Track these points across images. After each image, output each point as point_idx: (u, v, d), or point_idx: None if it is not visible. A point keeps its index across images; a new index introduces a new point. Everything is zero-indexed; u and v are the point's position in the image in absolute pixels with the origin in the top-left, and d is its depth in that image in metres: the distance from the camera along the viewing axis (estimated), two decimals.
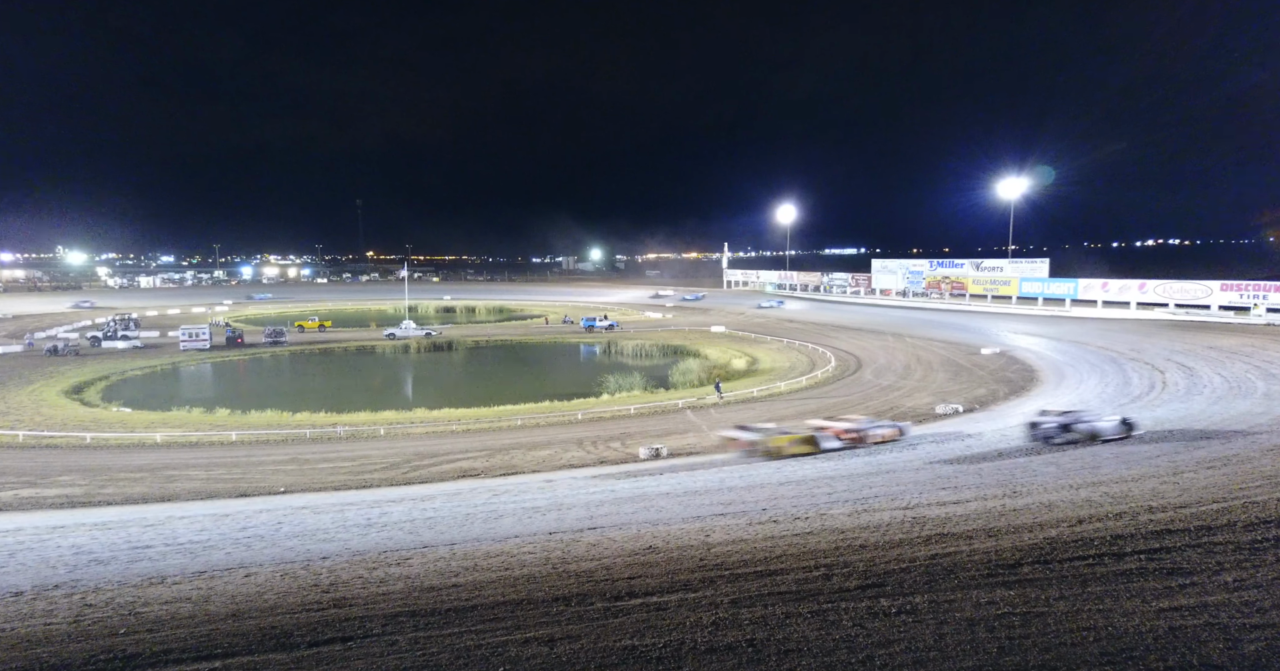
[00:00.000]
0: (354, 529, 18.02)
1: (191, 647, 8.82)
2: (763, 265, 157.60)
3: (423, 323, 79.59)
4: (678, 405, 38.64)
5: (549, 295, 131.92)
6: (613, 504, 19.87)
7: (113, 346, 59.44)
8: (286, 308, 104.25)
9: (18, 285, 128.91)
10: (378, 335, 71.99)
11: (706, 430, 32.42)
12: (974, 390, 40.37)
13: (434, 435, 32.90)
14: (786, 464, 24.78)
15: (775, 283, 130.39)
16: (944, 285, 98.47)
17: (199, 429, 32.91)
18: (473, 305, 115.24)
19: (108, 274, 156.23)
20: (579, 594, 10.65)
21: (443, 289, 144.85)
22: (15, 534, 18.22)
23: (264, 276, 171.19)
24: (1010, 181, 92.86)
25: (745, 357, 56.65)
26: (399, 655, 8.20)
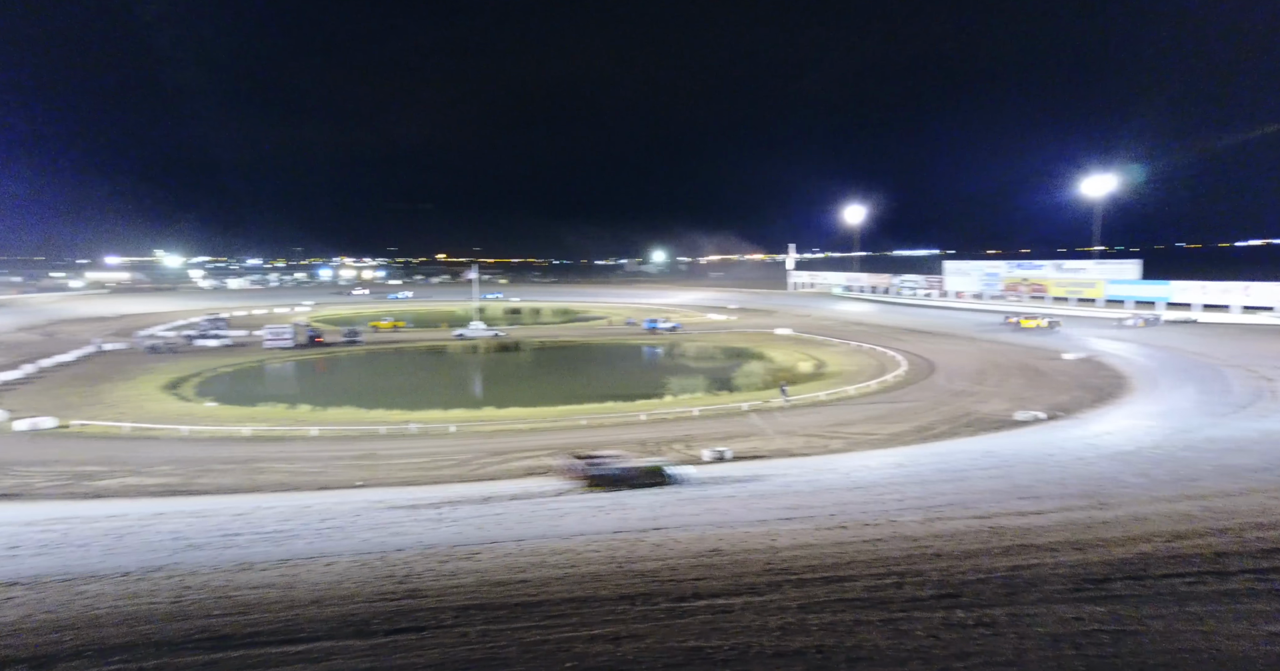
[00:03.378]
0: (425, 523, 18.55)
1: (278, 631, 9.26)
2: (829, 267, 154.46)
3: (490, 323, 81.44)
4: (741, 408, 38.28)
5: (612, 297, 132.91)
6: (676, 505, 19.84)
7: (205, 344, 63.08)
8: (362, 308, 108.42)
9: (123, 287, 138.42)
10: (448, 335, 74.03)
11: (771, 434, 32.00)
12: (1055, 396, 38.51)
13: (501, 433, 33.58)
14: (855, 470, 24.22)
15: (842, 285, 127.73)
16: (1023, 287, 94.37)
17: (282, 424, 34.58)
18: (538, 307, 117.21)
19: (200, 276, 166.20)
20: (644, 593, 10.67)
21: (510, 290, 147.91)
22: (122, 518, 19.57)
23: (342, 279, 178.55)
24: (1096, 179, 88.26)
25: (811, 361, 55.68)
26: (469, 646, 8.39)
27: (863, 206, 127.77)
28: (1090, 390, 40.02)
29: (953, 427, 32.48)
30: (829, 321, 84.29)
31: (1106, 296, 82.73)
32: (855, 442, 30.28)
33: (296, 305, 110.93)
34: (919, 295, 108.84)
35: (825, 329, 75.44)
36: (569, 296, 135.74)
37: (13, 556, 15.98)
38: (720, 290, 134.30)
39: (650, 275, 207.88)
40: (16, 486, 23.85)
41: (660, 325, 78.22)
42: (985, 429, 31.78)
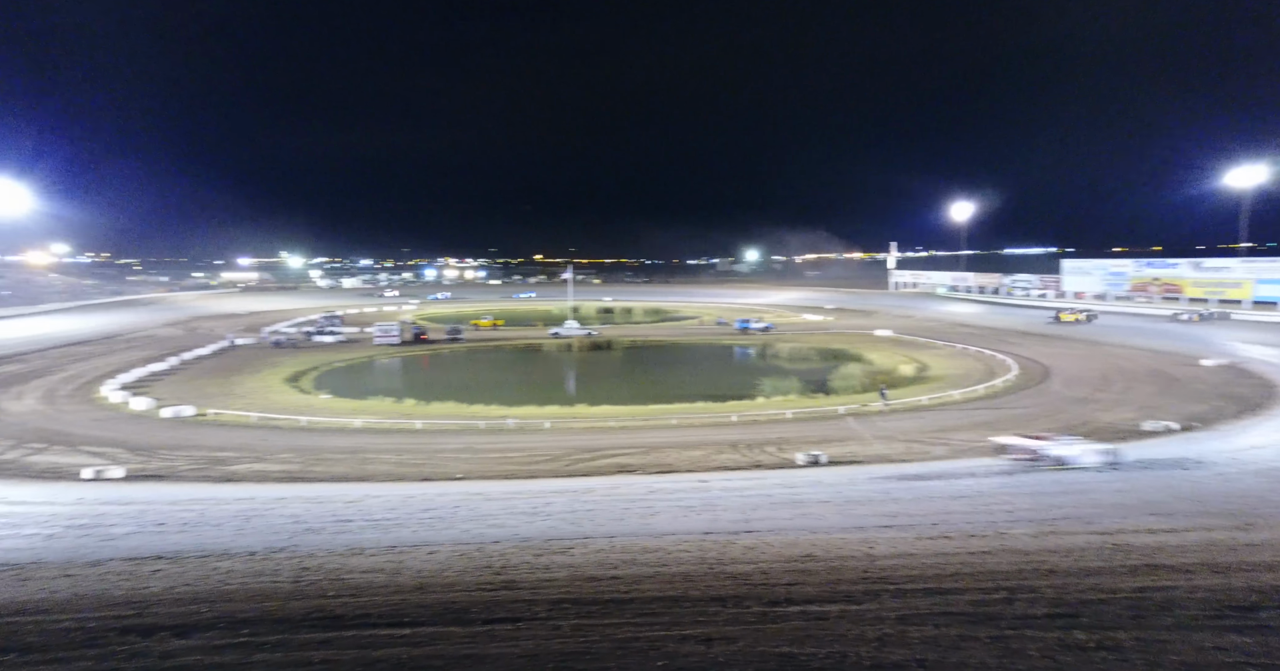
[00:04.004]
0: (521, 516, 19.08)
1: (385, 614, 9.76)
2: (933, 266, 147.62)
3: (584, 323, 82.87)
4: (838, 411, 37.20)
5: (703, 297, 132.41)
6: (768, 508, 19.51)
7: (321, 341, 67.47)
8: (464, 307, 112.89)
9: (252, 286, 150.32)
10: (543, 334, 75.93)
11: (869, 438, 30.92)
12: (1191, 406, 35.22)
13: (593, 431, 34.08)
14: (960, 479, 23.04)
15: (947, 285, 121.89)
16: (1153, 288, 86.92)
17: (389, 417, 36.48)
18: (630, 306, 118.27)
19: (318, 276, 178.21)
20: (735, 596, 10.54)
21: (603, 290, 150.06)
22: (249, 502, 21.22)
23: (445, 278, 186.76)
24: (1244, 169, 79.99)
25: (913, 363, 53.40)
26: (562, 639, 8.55)
27: (971, 203, 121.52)
28: (1233, 400, 36.36)
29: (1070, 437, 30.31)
30: (932, 323, 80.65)
31: (1254, 297, 74.93)
32: (960, 450, 28.80)
33: (404, 303, 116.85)
34: (1032, 296, 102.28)
35: (928, 330, 72.22)
36: (660, 296, 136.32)
37: (160, 532, 17.63)
38: (816, 290, 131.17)
39: (743, 275, 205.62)
40: (162, 468, 26.29)
41: (752, 325, 77.20)
42: (1108, 439, 29.44)
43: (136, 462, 26.70)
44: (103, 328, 72.16)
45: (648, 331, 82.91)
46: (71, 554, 15.37)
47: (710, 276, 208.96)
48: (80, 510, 19.97)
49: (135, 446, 29.24)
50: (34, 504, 20.89)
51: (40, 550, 15.87)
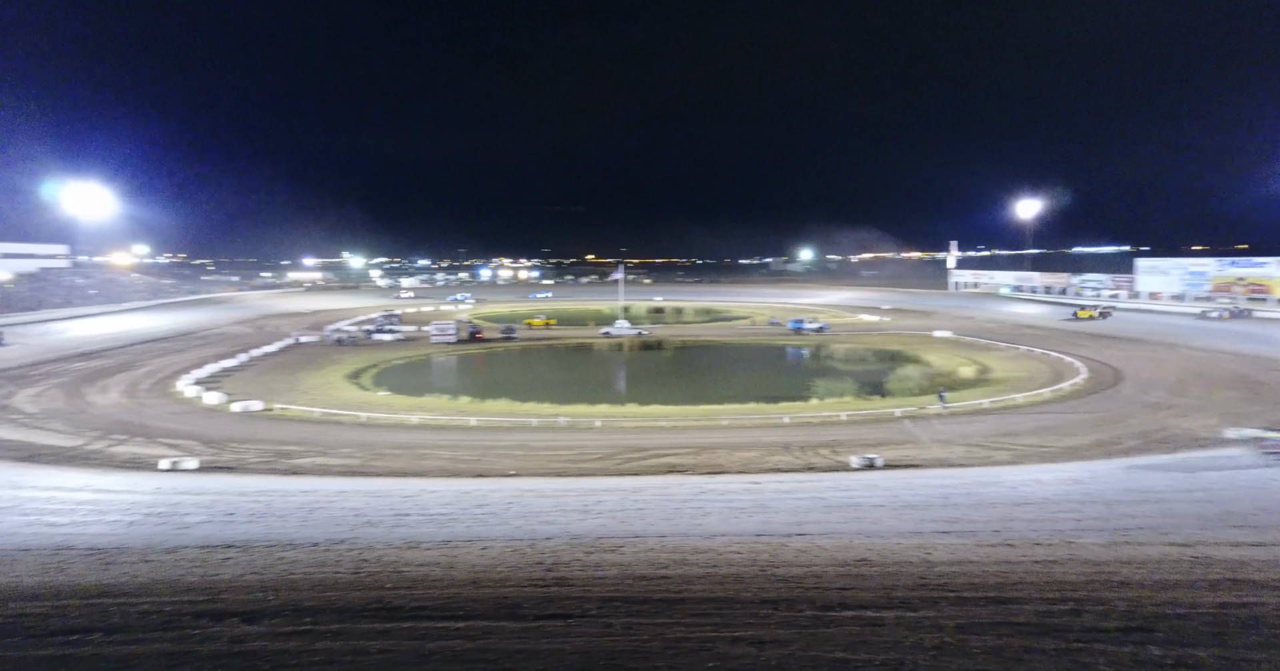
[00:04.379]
0: (572, 514, 19.24)
1: (440, 607, 9.96)
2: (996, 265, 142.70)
3: (635, 322, 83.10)
4: (894, 414, 36.34)
5: (756, 296, 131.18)
6: (821, 511, 19.20)
7: (380, 339, 69.48)
8: (517, 307, 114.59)
9: (316, 285, 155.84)
10: (594, 333, 76.47)
11: (927, 442, 30.10)
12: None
13: (644, 430, 34.14)
14: (1024, 484, 22.21)
15: (1011, 285, 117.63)
16: (1237, 288, 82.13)
17: (445, 414, 37.31)
18: (681, 306, 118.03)
19: (378, 275, 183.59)
20: (787, 599, 10.40)
21: (654, 290, 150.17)
22: (312, 494, 22.00)
23: (499, 278, 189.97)
24: None
25: (974, 365, 51.77)
26: (613, 638, 8.56)
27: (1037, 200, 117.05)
28: None
29: (1144, 443, 28.90)
30: (995, 324, 78.03)
31: None
32: (1023, 455, 27.79)
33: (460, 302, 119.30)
34: (1103, 296, 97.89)
35: (990, 332, 69.94)
36: (712, 296, 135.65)
37: (230, 522, 18.43)
38: (872, 290, 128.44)
39: (796, 274, 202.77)
40: (233, 460, 27.49)
41: (806, 325, 76.09)
42: (1186, 446, 27.98)
43: (209, 455, 27.98)
44: (179, 325, 75.95)
45: (698, 331, 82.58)
46: (150, 540, 16.19)
47: (763, 276, 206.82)
48: (158, 499, 21.03)
49: (208, 439, 30.64)
50: (117, 492, 22.10)
51: (122, 536, 16.77)
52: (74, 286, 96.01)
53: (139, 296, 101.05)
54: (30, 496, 21.04)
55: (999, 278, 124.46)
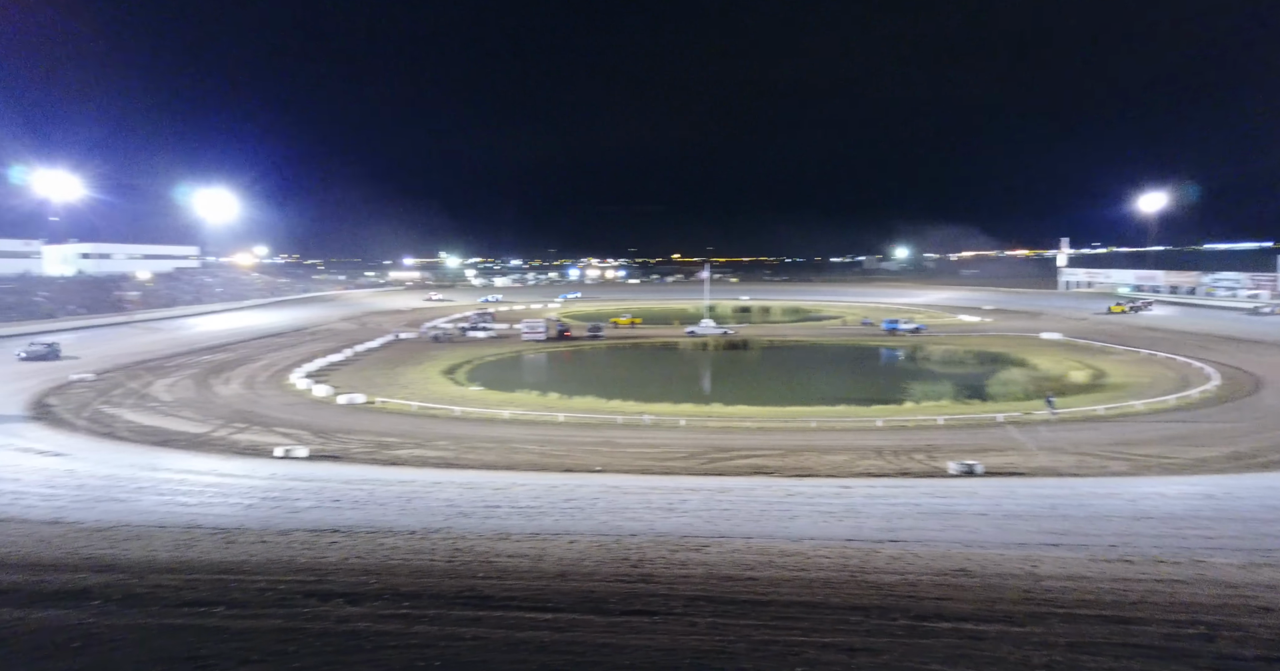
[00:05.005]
0: (657, 511, 19.26)
1: (529, 599, 10.17)
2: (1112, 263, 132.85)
3: (720, 321, 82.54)
4: (996, 419, 34.47)
5: (847, 296, 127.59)
6: (916, 518, 18.42)
7: (475, 336, 72.05)
8: (604, 305, 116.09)
9: (415, 284, 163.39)
10: (679, 332, 76.46)
11: (1033, 449, 28.37)
12: None
13: (729, 430, 33.84)
14: (1145, 497, 20.55)
15: (1131, 284, 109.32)
16: None
17: (534, 409, 38.25)
18: (768, 305, 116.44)
19: (473, 275, 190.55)
20: (879, 606, 10.03)
21: (740, 289, 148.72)
22: (410, 484, 23.01)
23: (586, 277, 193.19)
24: None
25: (1087, 369, 48.42)
26: (698, 637, 8.50)
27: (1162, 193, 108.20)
28: None
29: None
30: (1112, 325, 72.76)
31: None
32: (1144, 466, 25.74)
33: (549, 301, 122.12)
34: (1240, 297, 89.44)
35: (1106, 334, 65.25)
36: (801, 295, 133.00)
37: (336, 508, 19.53)
38: (973, 289, 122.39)
39: (891, 273, 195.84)
40: (338, 450, 29.15)
41: (901, 326, 73.32)
42: None
43: (317, 444, 29.78)
44: (292, 321, 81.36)
45: (786, 331, 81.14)
46: (266, 522, 17.37)
47: (855, 275, 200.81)
48: (273, 484, 22.55)
49: (316, 429, 32.63)
50: (238, 476, 23.86)
51: (242, 517, 18.08)
52: (203, 285, 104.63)
53: (258, 294, 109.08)
54: (165, 478, 23.02)
55: (1116, 276, 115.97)
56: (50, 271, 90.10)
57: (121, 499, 20.02)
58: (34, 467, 24.14)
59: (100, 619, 8.59)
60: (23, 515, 17.62)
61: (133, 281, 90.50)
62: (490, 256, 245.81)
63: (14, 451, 26.69)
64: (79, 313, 73.79)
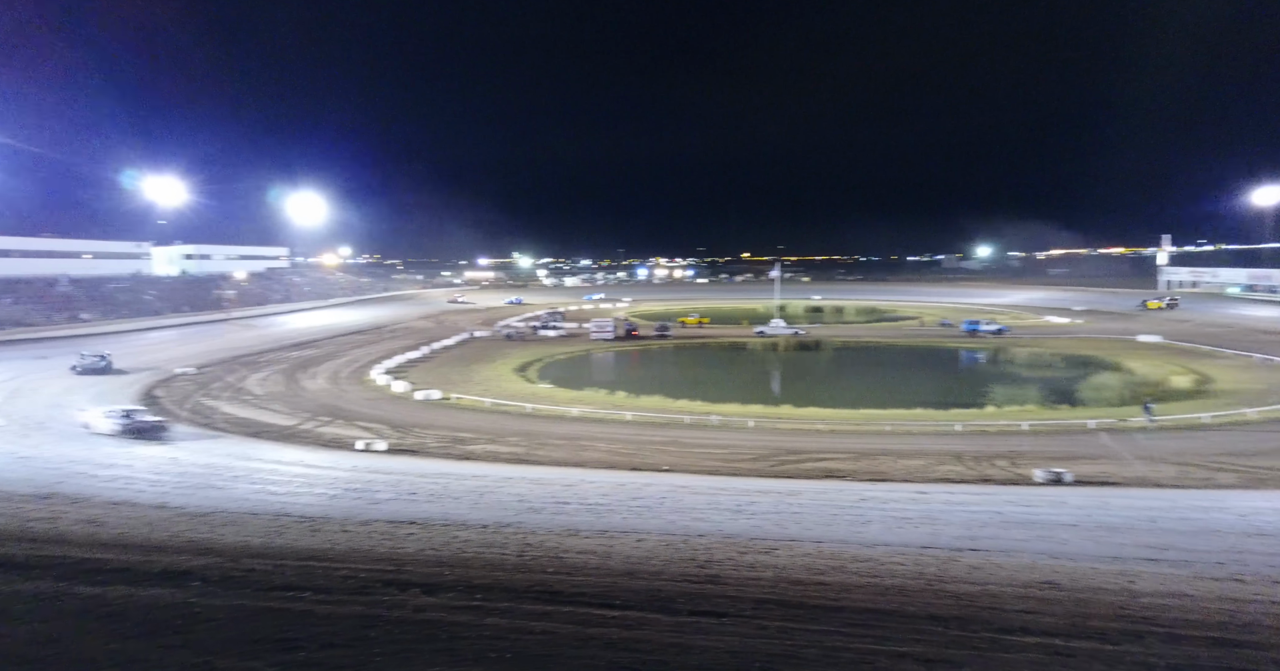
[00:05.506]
0: (725, 513, 19.10)
1: (598, 595, 10.25)
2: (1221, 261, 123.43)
3: (791, 321, 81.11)
4: (1087, 425, 32.59)
5: (925, 296, 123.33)
6: (998, 527, 17.61)
7: (545, 335, 73.26)
8: (671, 305, 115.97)
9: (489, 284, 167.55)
10: (748, 332, 75.55)
11: (1128, 458, 26.69)
12: None
13: (799, 432, 33.22)
14: (1258, 512, 19.03)
15: (1242, 283, 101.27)
16: None
17: (603, 407, 38.55)
18: (841, 305, 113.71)
19: (544, 275, 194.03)
20: (958, 617, 9.63)
21: (812, 288, 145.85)
22: (482, 479, 23.59)
23: (655, 277, 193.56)
24: None
25: (1190, 375, 45.20)
26: (767, 640, 8.36)
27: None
28: None
29: None
30: (1218, 328, 67.71)
31: None
32: (1258, 479, 23.81)
33: (617, 301, 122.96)
34: None
35: (1212, 337, 60.76)
36: (876, 295, 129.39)
37: (412, 501, 20.22)
38: (1062, 289, 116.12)
39: (972, 272, 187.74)
40: (415, 444, 30.16)
41: (982, 327, 70.23)
42: None
43: (395, 438, 30.90)
44: (373, 319, 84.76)
45: (860, 332, 79.06)
46: (347, 513, 18.16)
47: (933, 275, 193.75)
48: (354, 476, 23.55)
49: (395, 423, 33.86)
50: (322, 468, 25.03)
51: (326, 507, 18.95)
52: (292, 284, 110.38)
53: (342, 293, 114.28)
54: (256, 467, 24.37)
55: (1225, 275, 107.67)
56: (158, 271, 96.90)
57: (218, 486, 21.32)
58: (143, 455, 25.99)
59: (200, 599, 9.16)
60: (133, 499, 18.99)
61: (230, 281, 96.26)
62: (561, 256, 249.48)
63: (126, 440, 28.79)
64: (183, 310, 79.08)
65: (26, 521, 15.77)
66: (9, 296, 67.31)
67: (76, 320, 67.06)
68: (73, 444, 27.27)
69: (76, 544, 13.66)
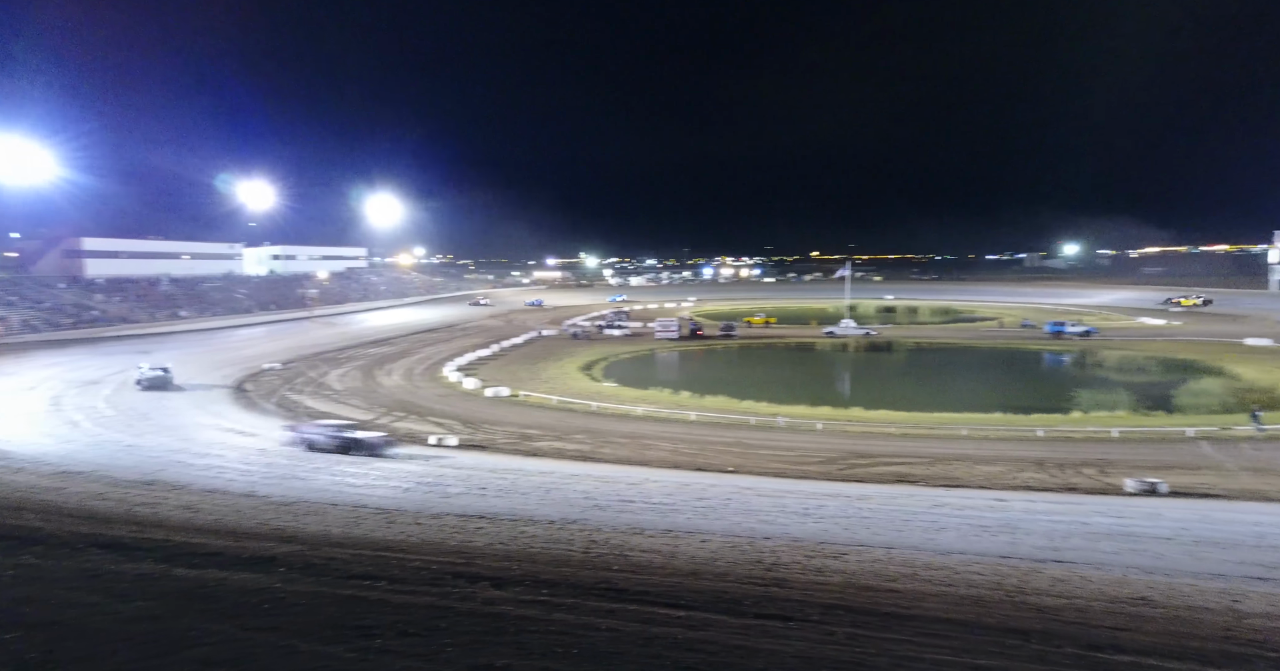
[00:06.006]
0: (791, 516, 18.79)
1: (662, 594, 10.23)
2: None
3: (862, 322, 79.19)
4: (1185, 433, 30.54)
5: (1005, 296, 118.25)
6: (1085, 538, 16.71)
7: (611, 334, 73.88)
8: (737, 304, 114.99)
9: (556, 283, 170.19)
10: (817, 332, 74.15)
11: (1232, 468, 24.89)
12: None
13: (869, 435, 32.38)
14: None
15: None
16: None
17: (667, 407, 38.55)
18: (915, 305, 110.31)
19: (610, 274, 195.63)
20: (1041, 631, 9.17)
21: (884, 288, 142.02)
22: (549, 475, 23.95)
23: (721, 276, 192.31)
24: None
25: None
26: (836, 646, 8.16)
27: None
28: None
29: None
30: None
31: None
32: None
33: (682, 300, 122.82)
34: None
35: None
36: (951, 294, 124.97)
37: (482, 495, 20.72)
38: (1158, 289, 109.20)
39: (1057, 271, 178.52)
40: (485, 440, 30.90)
41: (1068, 329, 66.79)
42: None
43: (466, 433, 31.72)
44: (445, 318, 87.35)
45: (934, 333, 76.46)
46: (420, 506, 18.75)
47: (1014, 274, 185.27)
48: (427, 470, 24.30)
49: (465, 419, 34.77)
50: (397, 461, 25.94)
51: (400, 500, 19.63)
52: (370, 283, 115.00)
53: (417, 292, 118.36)
54: (336, 460, 25.46)
55: None
56: (249, 271, 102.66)
57: (301, 477, 22.37)
58: (233, 446, 27.54)
59: (285, 585, 9.61)
60: (224, 488, 20.14)
61: (313, 280, 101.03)
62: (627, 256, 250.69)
63: (218, 431, 30.58)
64: (270, 308, 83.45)
65: (132, 506, 16.95)
66: (118, 294, 72.56)
67: (176, 317, 71.67)
68: (171, 434, 29.14)
69: (175, 528, 14.59)
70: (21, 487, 18.71)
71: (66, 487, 18.95)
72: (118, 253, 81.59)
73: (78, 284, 72.85)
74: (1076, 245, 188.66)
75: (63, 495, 17.95)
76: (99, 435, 28.27)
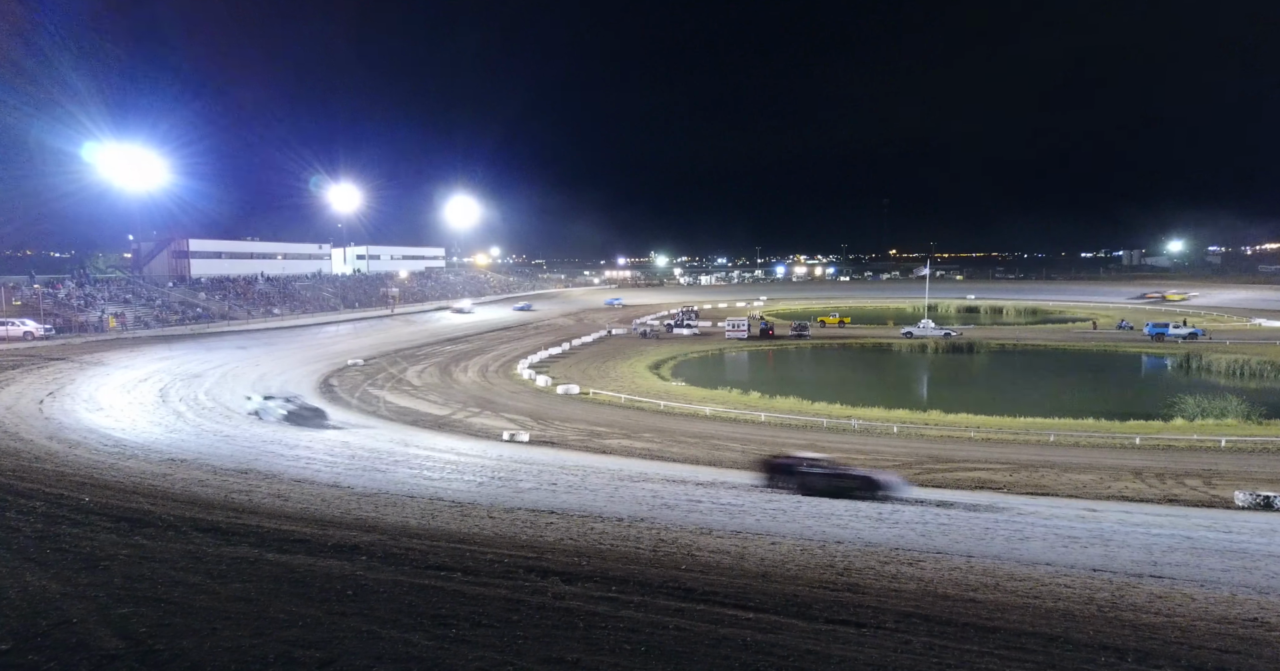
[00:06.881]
0: (865, 520, 18.30)
1: (731, 596, 10.14)
2: None
3: (942, 322, 76.44)
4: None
5: (1099, 296, 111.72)
6: (1188, 553, 15.60)
7: (680, 333, 73.86)
8: (810, 304, 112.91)
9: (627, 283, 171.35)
10: (894, 333, 72.00)
11: None
12: None
13: (948, 439, 31.20)
14: None
15: None
16: None
17: (736, 407, 38.23)
18: (999, 305, 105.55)
19: (680, 273, 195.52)
20: (1138, 650, 8.63)
21: (966, 288, 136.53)
22: (619, 473, 24.10)
23: (794, 275, 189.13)
24: None
25: None
26: (913, 656, 7.90)
27: None
28: None
29: None
30: None
31: None
32: None
33: (754, 300, 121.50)
34: None
35: None
36: (1040, 294, 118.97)
37: (553, 491, 21.06)
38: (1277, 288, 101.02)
39: (1161, 269, 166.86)
40: (556, 436, 31.43)
41: (1171, 330, 62.57)
42: None
43: (538, 429, 32.34)
44: (519, 317, 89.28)
45: (1021, 334, 72.96)
46: (494, 500, 19.21)
47: (1111, 273, 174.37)
48: (500, 464, 24.89)
49: (537, 416, 35.46)
50: (472, 456, 26.68)
51: (474, 493, 20.17)
52: (448, 283, 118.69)
53: (493, 291, 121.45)
54: (414, 453, 26.40)
55: None
56: (336, 270, 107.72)
57: (382, 470, 23.31)
58: (320, 438, 28.95)
59: (367, 572, 10.04)
60: (312, 478, 21.18)
61: (395, 279, 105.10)
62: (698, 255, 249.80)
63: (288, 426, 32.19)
64: (355, 306, 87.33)
65: (229, 493, 18.05)
66: (219, 293, 77.48)
67: (270, 315, 75.94)
68: (265, 426, 30.87)
69: (267, 515, 15.44)
70: (135, 473, 20.21)
71: (173, 474, 20.36)
72: (220, 253, 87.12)
73: (184, 283, 78.19)
74: (1182, 242, 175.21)
75: (169, 481, 19.29)
76: (200, 425, 30.24)
